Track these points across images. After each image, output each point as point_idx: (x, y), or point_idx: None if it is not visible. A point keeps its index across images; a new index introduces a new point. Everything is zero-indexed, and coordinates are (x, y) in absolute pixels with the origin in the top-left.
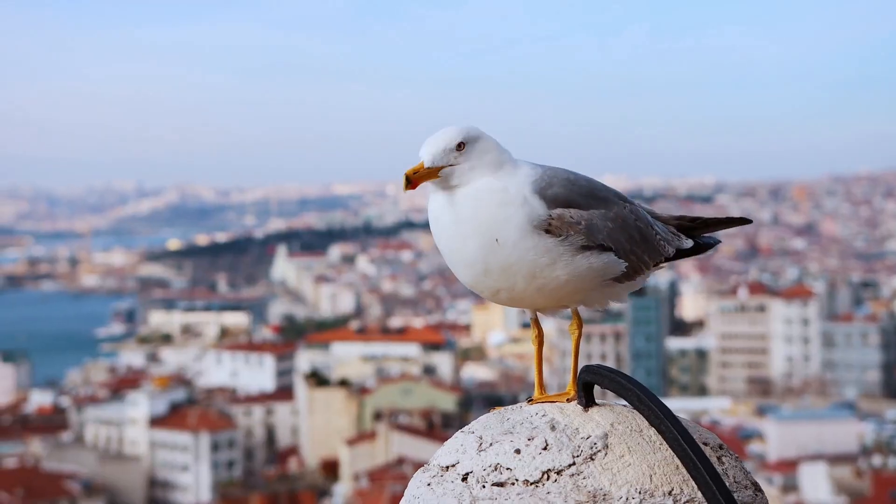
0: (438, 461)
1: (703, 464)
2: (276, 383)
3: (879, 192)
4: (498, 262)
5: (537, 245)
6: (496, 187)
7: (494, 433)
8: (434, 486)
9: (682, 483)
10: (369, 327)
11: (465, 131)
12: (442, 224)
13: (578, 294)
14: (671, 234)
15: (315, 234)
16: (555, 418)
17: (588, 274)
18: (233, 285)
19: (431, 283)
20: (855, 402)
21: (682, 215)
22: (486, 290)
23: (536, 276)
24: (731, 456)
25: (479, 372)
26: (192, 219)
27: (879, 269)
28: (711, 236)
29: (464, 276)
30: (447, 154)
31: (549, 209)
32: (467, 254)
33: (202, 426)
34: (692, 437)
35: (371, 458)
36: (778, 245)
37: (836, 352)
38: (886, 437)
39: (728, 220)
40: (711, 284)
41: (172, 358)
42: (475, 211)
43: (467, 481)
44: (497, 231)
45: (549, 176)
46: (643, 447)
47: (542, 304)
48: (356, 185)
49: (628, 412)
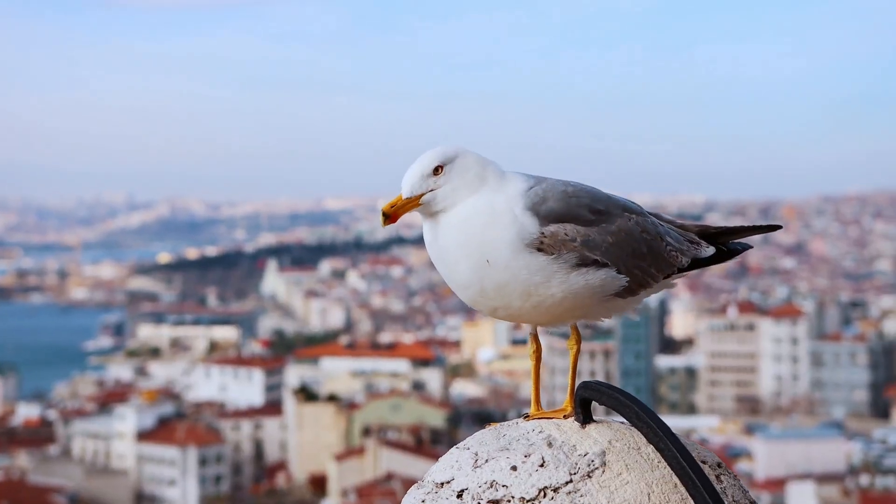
0: (433, 477)
1: (703, 482)
2: (264, 398)
3: (868, 212)
4: (492, 282)
5: (530, 264)
6: (481, 207)
7: (490, 449)
8: (429, 502)
9: (680, 502)
10: (359, 342)
11: (441, 154)
12: (434, 249)
13: (577, 310)
14: (687, 244)
15: (305, 249)
16: (552, 435)
17: (585, 291)
18: (222, 299)
19: (421, 299)
20: (843, 422)
21: (706, 224)
22: (485, 308)
23: (531, 294)
24: (729, 475)
25: (468, 388)
26: (183, 232)
27: (868, 289)
28: (741, 242)
29: (462, 297)
30: (425, 180)
31: (541, 226)
32: (461, 276)
33: (190, 440)
34: (691, 455)
35: (359, 474)
36: (767, 264)
37: (825, 371)
38: (874, 456)
39: (756, 228)
40: (701, 303)
41: (161, 372)
42: (462, 234)
43: (462, 498)
44: (487, 252)
45: (544, 190)
46: (641, 465)
47: (541, 320)
48: (347, 199)
49: (626, 429)
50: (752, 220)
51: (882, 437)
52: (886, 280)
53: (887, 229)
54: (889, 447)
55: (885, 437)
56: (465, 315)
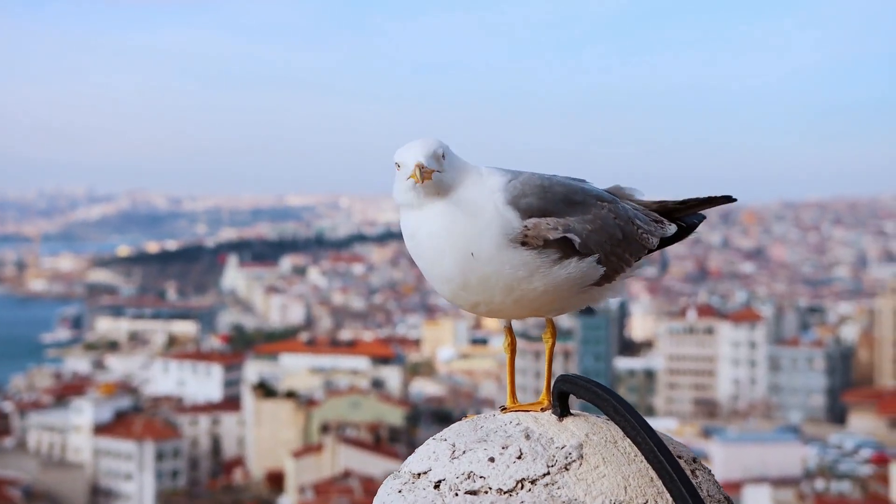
0: (409, 468)
1: (679, 476)
2: (223, 393)
3: (828, 218)
4: (475, 275)
5: (513, 258)
6: (468, 200)
7: (468, 441)
8: (405, 492)
9: (656, 496)
10: (319, 339)
11: (440, 143)
12: (417, 241)
13: (557, 303)
14: (654, 224)
15: (267, 245)
16: (529, 427)
17: (566, 283)
18: (182, 294)
19: (382, 297)
20: (799, 427)
21: (663, 200)
22: (465, 303)
23: (514, 288)
24: (704, 470)
25: (427, 387)
26: (143, 226)
27: (826, 295)
28: (696, 215)
29: (442, 291)
30: (437, 160)
31: (523, 220)
32: (445, 269)
33: (147, 435)
34: (668, 449)
35: (317, 471)
36: (727, 268)
37: (782, 376)
38: (830, 461)
39: (711, 200)
40: (661, 306)
41: (119, 365)
42: (449, 226)
43: (440, 489)
44: (472, 245)
45: (522, 184)
46: (618, 458)
47: (520, 314)
48: (310, 196)
49: (602, 423)
50: (712, 223)
51: (838, 442)
52: (844, 286)
53: (846, 236)
54: (844, 452)
55: (840, 442)
56: (426, 314)
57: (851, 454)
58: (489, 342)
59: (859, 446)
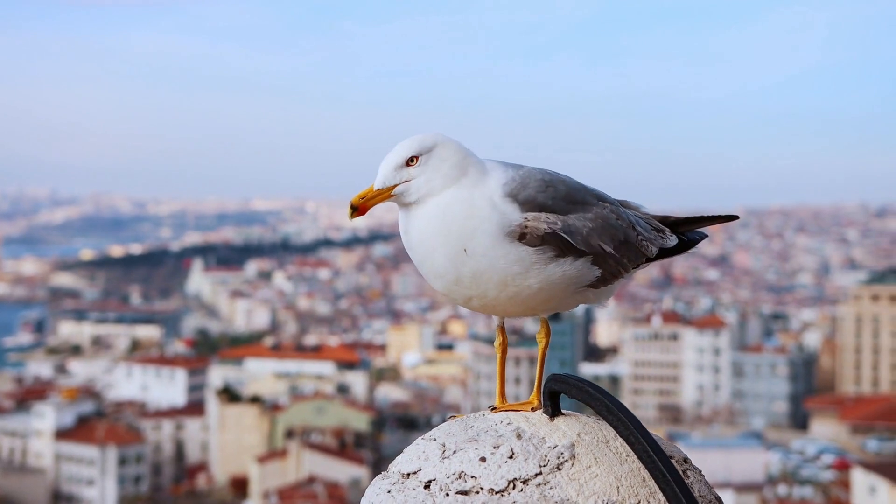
0: (399, 468)
1: (673, 476)
2: (187, 398)
3: (791, 226)
4: (468, 270)
5: (509, 254)
6: (461, 198)
7: (458, 440)
8: (395, 493)
9: (648, 496)
10: (284, 344)
11: (418, 143)
12: (410, 238)
13: (551, 301)
14: (655, 234)
15: (232, 249)
16: (520, 427)
17: (561, 282)
18: (146, 298)
19: (348, 302)
20: (762, 432)
21: (667, 215)
22: (459, 297)
23: (508, 284)
24: (695, 470)
25: (392, 392)
26: (107, 229)
27: (789, 302)
28: (698, 231)
29: (436, 286)
30: (398, 171)
31: (522, 213)
32: (437, 265)
33: (110, 440)
34: (662, 449)
35: (281, 476)
36: (692, 275)
37: (746, 382)
38: (792, 466)
39: (714, 218)
40: (626, 312)
41: (81, 370)
42: (440, 223)
43: (430, 489)
44: (466, 240)
45: (523, 177)
46: (610, 458)
47: (514, 311)
48: (275, 200)
49: (594, 423)
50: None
51: (800, 447)
52: (807, 293)
53: (809, 243)
54: (807, 458)
55: (803, 447)
56: (392, 319)
57: (813, 460)
58: (455, 348)
59: (821, 452)
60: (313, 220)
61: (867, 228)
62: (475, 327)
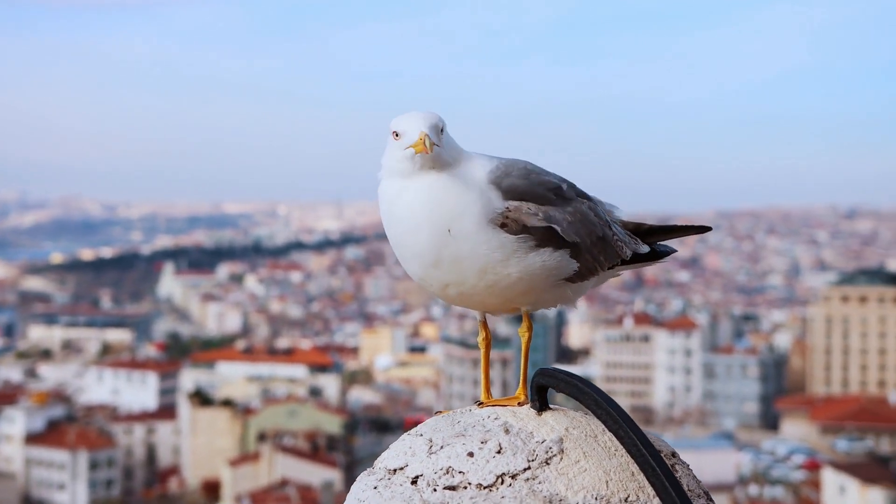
0: (385, 464)
1: (663, 470)
2: (158, 402)
3: (762, 228)
4: (449, 254)
5: (491, 240)
6: (454, 179)
7: (445, 436)
8: (381, 489)
9: (637, 490)
10: (256, 347)
11: (442, 119)
12: (395, 210)
13: (530, 294)
14: (629, 237)
15: (203, 252)
16: (508, 421)
17: (541, 273)
18: (117, 301)
19: (320, 305)
20: (733, 433)
21: (641, 222)
22: (436, 283)
23: (487, 271)
24: (683, 464)
25: (365, 395)
26: (77, 233)
27: (760, 303)
28: (667, 245)
29: (413, 268)
30: (437, 134)
31: (504, 201)
32: (418, 243)
33: (80, 444)
34: (651, 443)
35: (254, 480)
36: (663, 277)
37: (717, 383)
38: (763, 467)
39: (687, 228)
40: (598, 313)
41: (51, 374)
42: (432, 200)
43: (417, 484)
44: (451, 221)
45: (506, 166)
46: (598, 453)
47: (491, 303)
48: (247, 203)
49: (581, 417)
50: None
51: (771, 448)
52: (778, 294)
53: (779, 245)
54: (777, 458)
55: (773, 448)
56: (364, 322)
57: (784, 460)
58: (427, 350)
59: (792, 452)
60: (285, 222)
61: (837, 230)
62: (447, 329)
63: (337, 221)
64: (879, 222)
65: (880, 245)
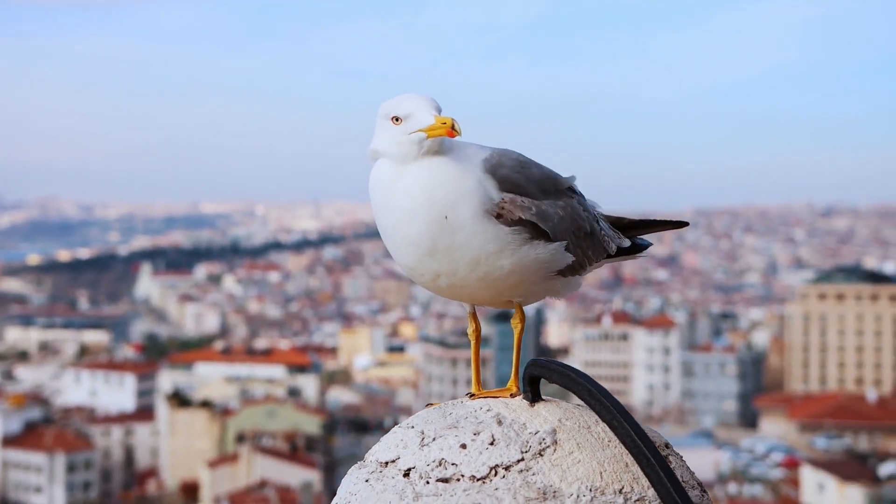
0: (376, 457)
1: (658, 461)
2: (136, 403)
3: (739, 226)
4: (444, 242)
5: (486, 230)
6: (453, 165)
7: (437, 428)
8: (373, 482)
9: (632, 481)
10: (234, 348)
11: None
12: (391, 193)
13: (520, 287)
14: (613, 232)
15: (181, 253)
16: (501, 413)
17: (533, 266)
18: (94, 303)
19: (298, 305)
20: (712, 431)
21: (621, 216)
22: (427, 272)
23: (481, 263)
24: (676, 455)
25: (344, 395)
26: (54, 234)
27: (738, 301)
28: (643, 239)
29: (405, 257)
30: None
31: (499, 192)
32: (413, 230)
33: (58, 446)
34: (645, 433)
35: (232, 481)
36: (641, 275)
37: (695, 381)
38: (742, 465)
39: (666, 223)
40: (576, 312)
41: (28, 375)
42: (431, 185)
43: (409, 477)
44: (448, 209)
45: (500, 155)
46: (592, 444)
47: (482, 295)
48: (225, 203)
49: (574, 408)
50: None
51: (750, 446)
52: (755, 292)
53: (757, 243)
54: (756, 456)
55: (752, 446)
56: (342, 322)
57: (763, 458)
58: (406, 350)
59: (770, 450)
60: (263, 223)
61: (814, 228)
62: (426, 329)
63: (315, 221)
64: (856, 220)
65: (857, 243)
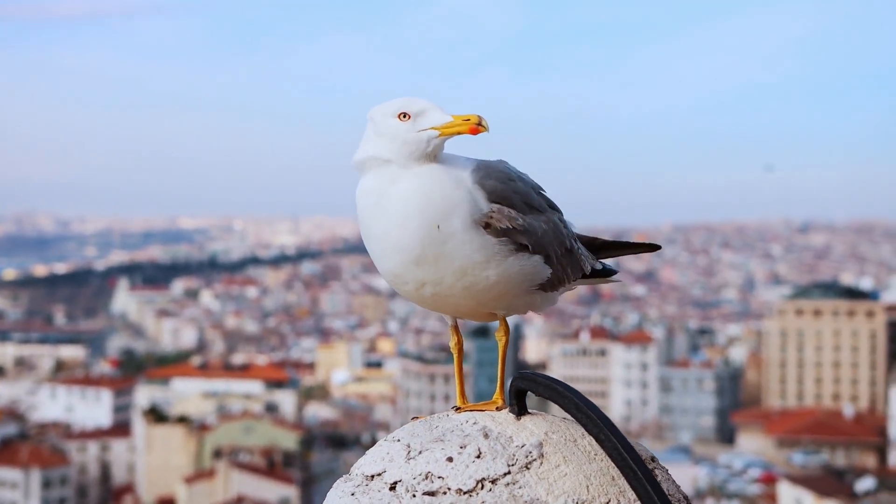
0: (362, 470)
1: (644, 474)
2: (112, 419)
3: (717, 242)
4: (433, 250)
5: (474, 240)
6: (447, 174)
7: (423, 441)
8: (359, 495)
9: (618, 495)
10: (211, 363)
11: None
12: (384, 198)
13: (504, 298)
14: (587, 253)
15: (158, 268)
16: (487, 426)
17: (518, 277)
18: (70, 318)
19: (276, 320)
20: (690, 447)
21: (594, 236)
22: (412, 281)
23: (467, 272)
24: (662, 469)
25: (322, 411)
26: (30, 248)
27: (715, 317)
28: (608, 267)
29: (391, 264)
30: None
31: (488, 203)
32: (404, 236)
33: (33, 462)
34: (632, 447)
35: (209, 497)
36: (619, 291)
37: (673, 397)
38: (720, 480)
39: (636, 245)
40: (554, 328)
41: (4, 391)
42: (426, 192)
43: (396, 490)
44: (442, 217)
45: (486, 167)
46: (579, 457)
47: (465, 305)
48: (202, 218)
49: (560, 422)
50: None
51: (727, 461)
52: (733, 308)
53: (734, 259)
54: (734, 472)
55: (730, 461)
56: (320, 337)
57: (740, 474)
58: (384, 365)
59: (748, 466)
60: (241, 237)
61: (791, 244)
62: (404, 344)
63: (293, 236)
64: (833, 236)
65: (834, 259)
